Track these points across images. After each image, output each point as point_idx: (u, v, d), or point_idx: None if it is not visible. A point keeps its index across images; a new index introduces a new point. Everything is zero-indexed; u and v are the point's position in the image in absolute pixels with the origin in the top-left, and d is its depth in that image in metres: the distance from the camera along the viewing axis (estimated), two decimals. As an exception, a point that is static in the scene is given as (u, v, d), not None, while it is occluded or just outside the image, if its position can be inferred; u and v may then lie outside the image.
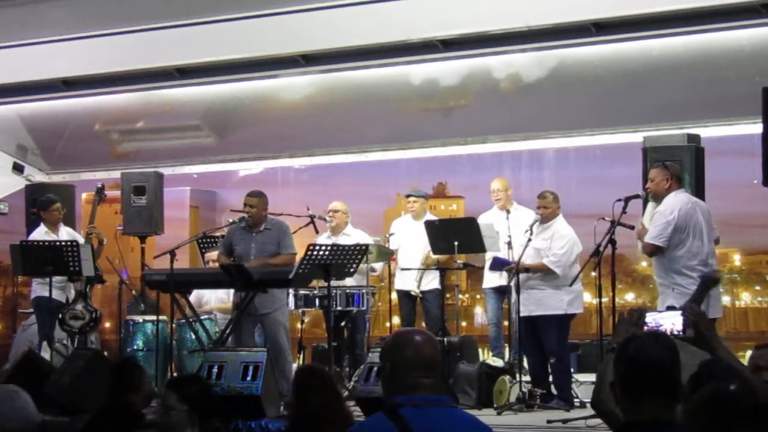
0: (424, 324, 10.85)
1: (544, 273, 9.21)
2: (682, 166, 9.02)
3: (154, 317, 10.01)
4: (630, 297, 13.33)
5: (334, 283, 9.35)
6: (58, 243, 10.20)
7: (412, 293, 10.75)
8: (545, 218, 9.32)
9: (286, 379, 9.27)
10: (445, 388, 8.47)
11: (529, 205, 10.39)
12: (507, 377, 9.25)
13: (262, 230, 9.55)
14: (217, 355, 8.68)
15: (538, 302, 9.22)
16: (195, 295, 10.75)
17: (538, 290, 9.24)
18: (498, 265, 9.68)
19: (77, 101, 13.40)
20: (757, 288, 13.66)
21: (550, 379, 9.34)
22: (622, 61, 10.91)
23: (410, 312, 10.95)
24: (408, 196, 11.11)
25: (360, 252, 9.25)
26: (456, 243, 9.92)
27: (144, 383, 6.31)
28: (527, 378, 9.51)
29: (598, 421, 6.10)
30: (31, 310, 11.03)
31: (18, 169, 13.92)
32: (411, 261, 10.77)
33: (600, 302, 9.17)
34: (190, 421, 4.90)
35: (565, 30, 10.69)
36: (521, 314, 9.33)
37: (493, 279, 10.44)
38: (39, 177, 14.00)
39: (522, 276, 9.26)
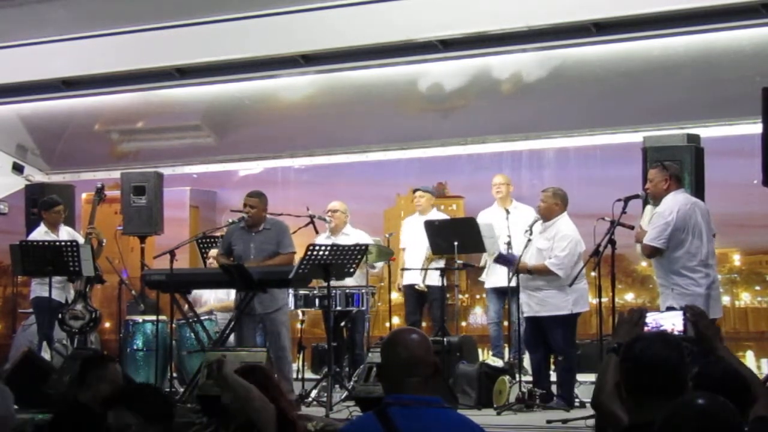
0: (424, 324, 10.85)
1: (546, 274, 9.19)
2: (682, 166, 9.01)
3: (153, 317, 10.01)
4: (630, 297, 13.31)
5: (333, 283, 9.35)
6: (57, 243, 10.20)
7: (417, 287, 10.75)
8: (544, 215, 9.27)
9: (286, 379, 9.28)
10: (442, 389, 8.46)
11: (529, 205, 10.39)
12: (507, 377, 9.24)
13: (261, 230, 9.55)
14: (217, 356, 8.67)
15: (543, 303, 9.19)
16: (192, 295, 10.74)
17: (542, 291, 9.21)
18: (503, 260, 9.65)
19: (77, 101, 13.39)
20: (757, 288, 13.64)
21: (552, 378, 9.34)
22: (622, 61, 10.91)
23: (414, 311, 10.94)
24: (415, 190, 11.13)
25: (360, 252, 9.25)
26: (456, 243, 9.93)
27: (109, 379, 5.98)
28: (527, 378, 9.50)
29: (598, 421, 6.09)
30: (31, 310, 11.04)
31: (18, 169, 13.92)
32: (418, 257, 10.79)
33: (600, 302, 9.15)
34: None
35: (566, 30, 10.69)
36: (527, 314, 9.33)
37: (494, 279, 10.44)
38: (39, 177, 14.01)
39: (526, 276, 9.25)
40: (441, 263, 10.62)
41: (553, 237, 9.22)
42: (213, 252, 10.52)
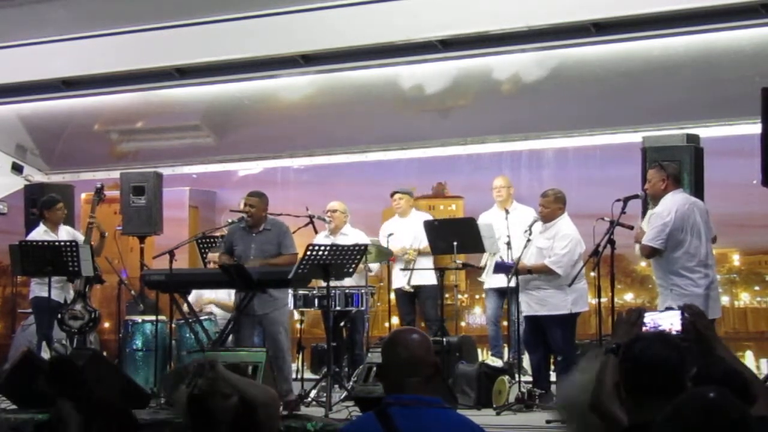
0: (423, 324, 10.85)
1: (546, 273, 9.19)
2: (682, 166, 9.01)
3: (153, 317, 10.00)
4: (629, 297, 13.32)
5: (333, 283, 9.35)
6: (57, 243, 10.20)
7: (403, 289, 10.76)
8: (546, 218, 9.29)
9: (285, 379, 9.27)
10: (442, 389, 8.46)
11: (529, 205, 10.39)
12: (506, 377, 9.23)
13: (261, 231, 9.55)
14: (217, 356, 8.66)
15: (543, 302, 9.19)
16: (193, 295, 10.74)
17: (541, 290, 9.21)
18: (500, 269, 9.66)
19: (77, 101, 13.39)
20: (757, 288, 13.65)
21: (552, 378, 9.33)
22: (622, 61, 10.91)
23: (409, 311, 10.94)
24: (393, 193, 11.13)
25: (359, 252, 9.24)
26: (455, 243, 9.93)
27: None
28: (526, 378, 9.50)
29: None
30: (30, 310, 11.03)
31: (17, 169, 13.92)
32: (400, 259, 10.82)
33: (599, 302, 9.15)
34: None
35: (565, 30, 10.69)
36: (526, 314, 9.33)
37: (494, 279, 10.43)
38: (38, 177, 14.01)
39: (526, 276, 9.24)
40: (427, 262, 10.64)
41: (553, 236, 9.22)
42: (212, 255, 10.49)
